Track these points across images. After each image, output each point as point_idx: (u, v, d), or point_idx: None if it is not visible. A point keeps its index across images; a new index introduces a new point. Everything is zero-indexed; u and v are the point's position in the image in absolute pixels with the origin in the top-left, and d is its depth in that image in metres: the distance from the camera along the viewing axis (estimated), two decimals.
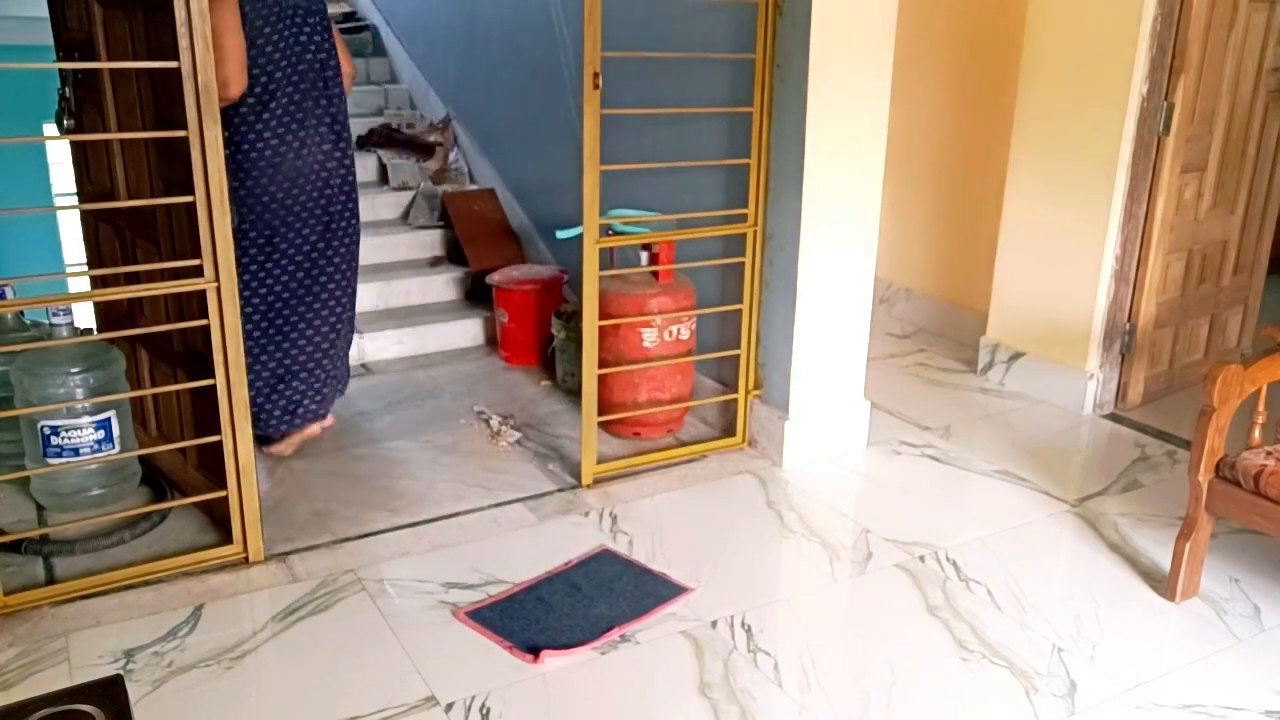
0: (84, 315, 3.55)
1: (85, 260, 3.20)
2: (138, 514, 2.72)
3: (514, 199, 4.73)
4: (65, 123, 3.02)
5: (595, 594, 2.51)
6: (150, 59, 2.46)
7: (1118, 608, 2.52)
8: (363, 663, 2.25)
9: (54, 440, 2.67)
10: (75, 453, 2.68)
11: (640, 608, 2.46)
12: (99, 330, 3.12)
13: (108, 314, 3.13)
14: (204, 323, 2.44)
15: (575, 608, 2.45)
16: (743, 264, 3.19)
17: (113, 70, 2.71)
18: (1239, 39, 3.52)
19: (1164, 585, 2.57)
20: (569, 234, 3.43)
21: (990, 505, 3.03)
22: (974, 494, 3.12)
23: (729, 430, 3.37)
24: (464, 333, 4.25)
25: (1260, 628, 2.45)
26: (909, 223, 4.56)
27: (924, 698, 2.18)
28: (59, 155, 7.79)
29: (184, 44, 2.24)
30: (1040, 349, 3.80)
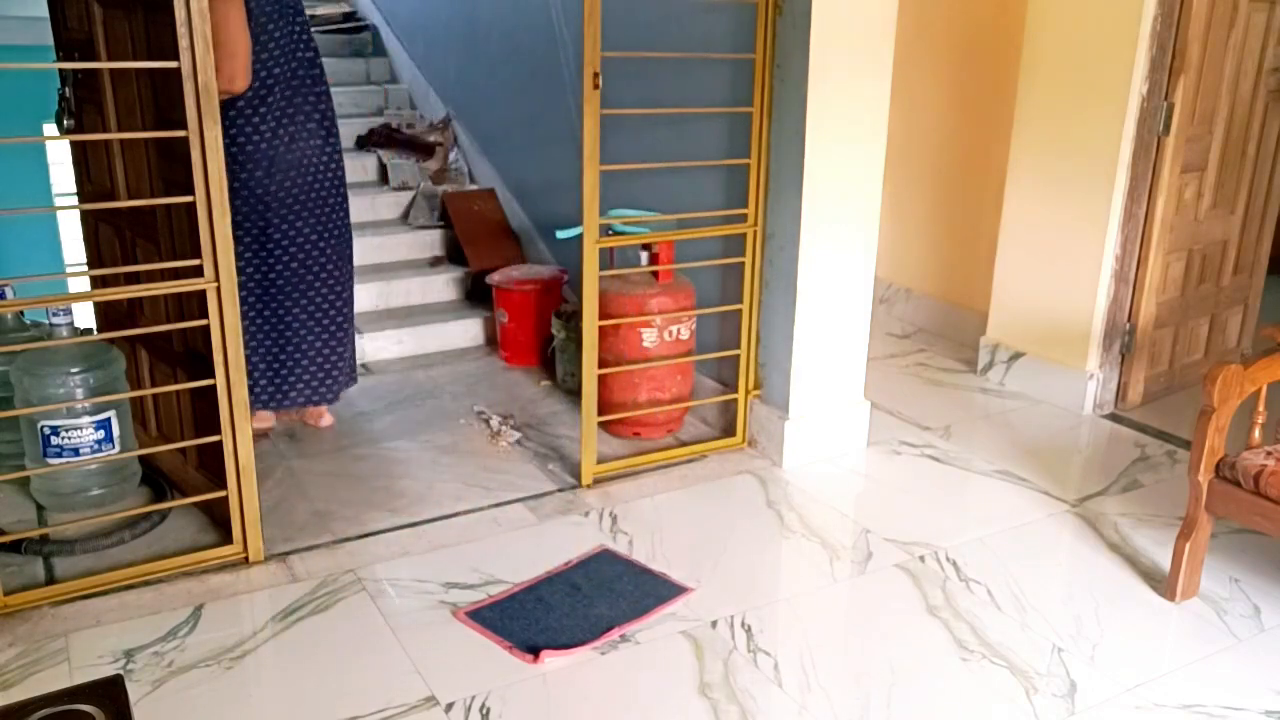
0: (84, 315, 3.55)
1: (85, 260, 3.20)
2: (138, 514, 2.72)
3: (514, 199, 4.73)
4: (65, 123, 3.03)
5: (595, 594, 2.51)
6: (150, 59, 2.46)
7: (1118, 608, 2.52)
8: (363, 663, 2.25)
9: (54, 440, 2.68)
10: (75, 453, 2.68)
11: (640, 608, 2.46)
12: (99, 330, 3.12)
13: (108, 314, 3.13)
14: (204, 323, 2.44)
15: (575, 608, 2.45)
16: (743, 264, 3.19)
17: (113, 70, 2.71)
18: (1239, 39, 3.52)
19: (1164, 585, 2.57)
20: (569, 234, 3.43)
21: (990, 505, 3.03)
22: (974, 494, 3.12)
23: (729, 430, 3.37)
24: (464, 333, 4.25)
25: (1260, 628, 2.45)
26: (909, 223, 4.56)
27: (924, 698, 2.18)
28: (59, 155, 7.78)
29: (184, 44, 2.24)
30: (1040, 349, 3.80)
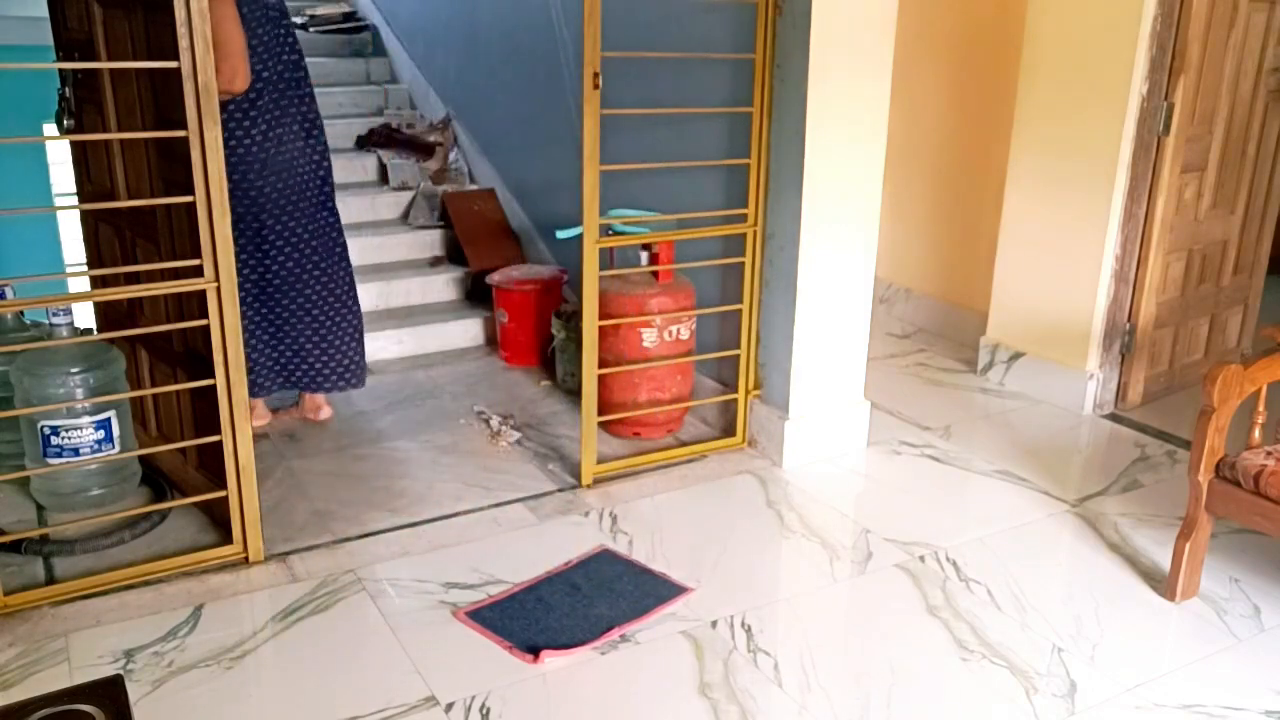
0: (84, 315, 3.55)
1: (85, 260, 3.20)
2: (138, 514, 2.72)
3: (514, 199, 4.73)
4: (65, 123, 3.03)
5: (595, 594, 2.51)
6: (150, 59, 2.46)
7: (1118, 608, 2.52)
8: (363, 663, 2.25)
9: (54, 440, 2.67)
10: (75, 453, 2.68)
11: (640, 608, 2.46)
12: (99, 330, 3.12)
13: (108, 314, 3.13)
14: (204, 323, 2.44)
15: (575, 608, 2.45)
16: (743, 264, 3.19)
17: (113, 70, 2.71)
18: (1239, 39, 3.52)
19: (1164, 585, 2.57)
20: (569, 234, 3.43)
21: (990, 505, 3.03)
22: (974, 494, 3.12)
23: (729, 430, 3.37)
24: (464, 333, 4.25)
25: (1260, 628, 2.45)
26: (909, 223, 4.56)
27: (924, 698, 2.18)
28: (59, 155, 7.78)
29: (184, 44, 2.24)
30: (1040, 349, 3.80)
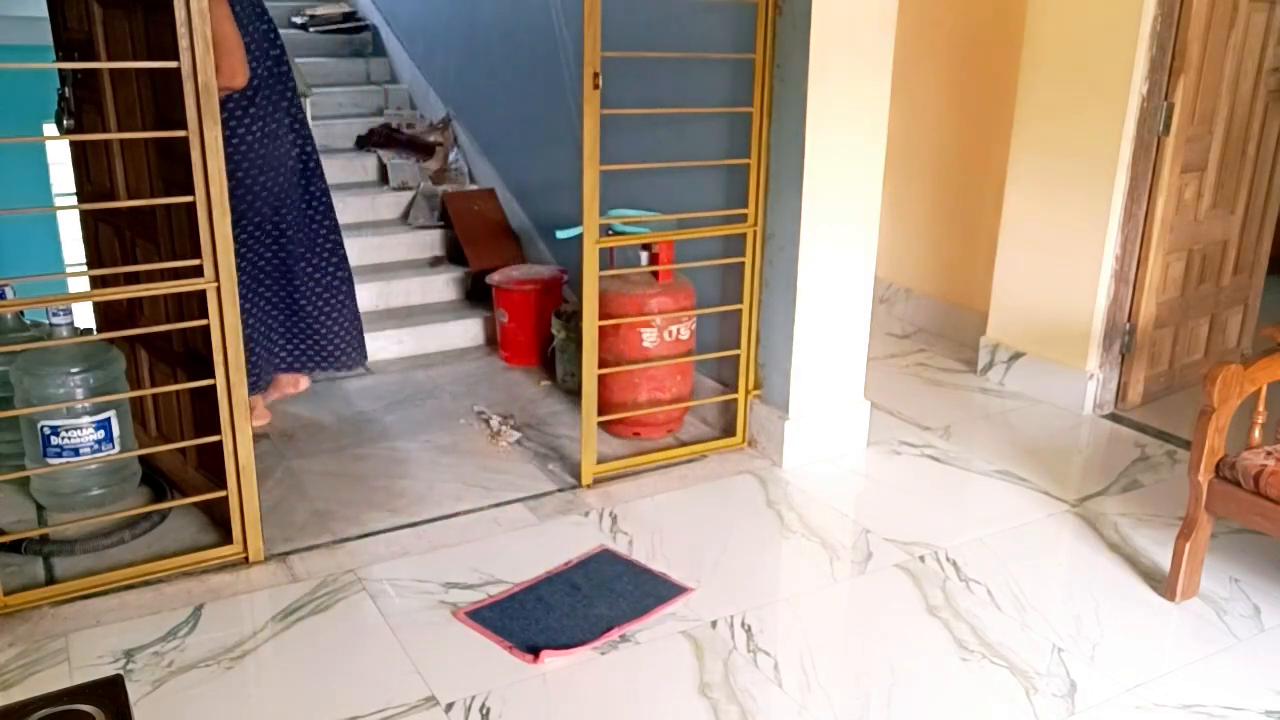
0: (84, 315, 3.55)
1: (85, 260, 3.20)
2: (138, 514, 2.72)
3: (514, 199, 4.73)
4: (65, 123, 3.03)
5: (595, 594, 2.51)
6: (150, 59, 2.46)
7: (1118, 608, 2.52)
8: (363, 663, 2.25)
9: (54, 440, 2.67)
10: (75, 453, 2.68)
11: (640, 608, 2.46)
12: (99, 330, 3.12)
13: (108, 314, 3.13)
14: (204, 323, 2.44)
15: (575, 608, 2.45)
16: (743, 264, 3.19)
17: (113, 70, 2.71)
18: (1239, 39, 3.52)
19: (1164, 585, 2.57)
20: (569, 234, 3.43)
21: (990, 505, 3.03)
22: (974, 494, 3.12)
23: (729, 430, 3.37)
24: (464, 333, 4.25)
25: (1260, 628, 2.45)
26: (909, 223, 4.56)
27: (924, 698, 2.18)
28: (59, 155, 7.78)
29: (184, 44, 2.24)
30: (1040, 349, 3.80)
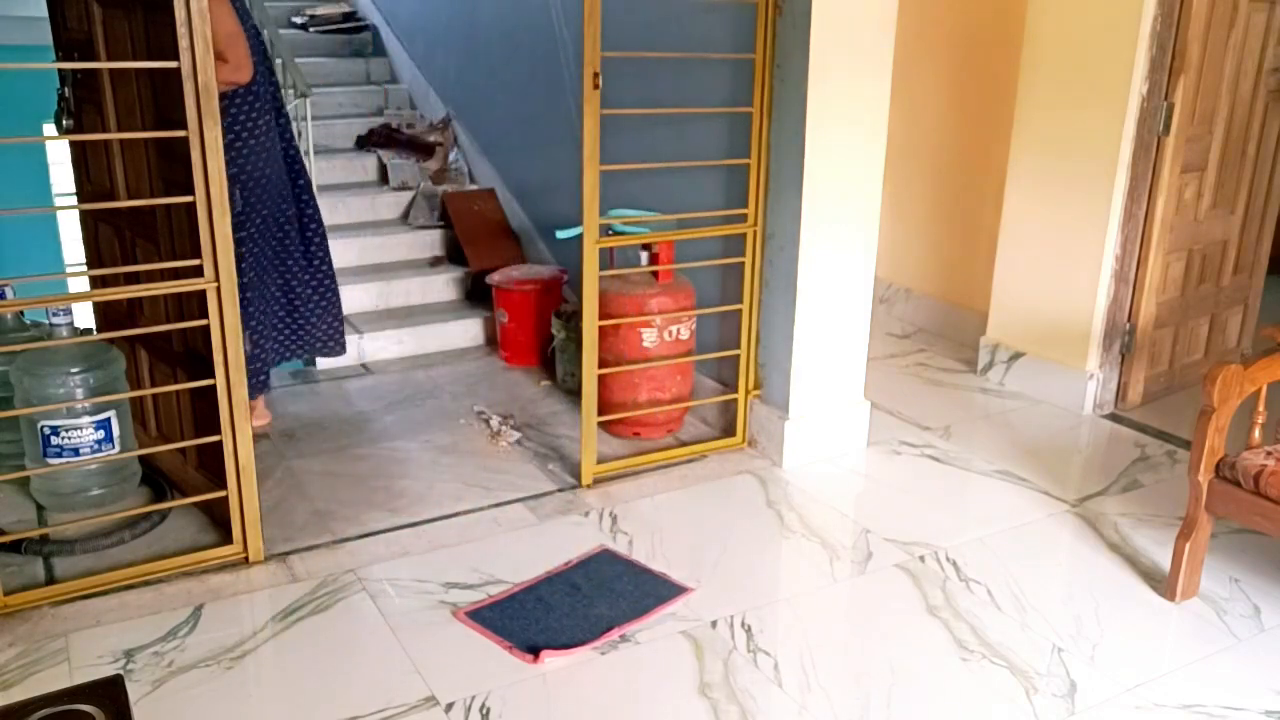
0: (84, 315, 3.55)
1: (85, 260, 3.20)
2: (138, 514, 2.72)
3: (514, 199, 4.73)
4: (65, 123, 3.03)
5: (595, 594, 2.51)
6: (150, 59, 2.46)
7: (1118, 608, 2.52)
8: (363, 663, 2.25)
9: (54, 440, 2.67)
10: (75, 453, 2.68)
11: (640, 608, 2.46)
12: (99, 330, 3.12)
13: (108, 314, 3.13)
14: (204, 323, 2.44)
15: (575, 608, 2.45)
16: (743, 264, 3.19)
17: (113, 70, 2.71)
18: (1239, 39, 3.52)
19: (1164, 585, 2.57)
20: (569, 234, 3.43)
21: (990, 505, 3.03)
22: (974, 494, 3.12)
23: (729, 430, 3.37)
24: (464, 333, 4.25)
25: (1260, 628, 2.45)
26: (909, 223, 4.56)
27: (924, 698, 2.18)
28: (59, 155, 7.78)
29: (184, 44, 2.24)
30: (1040, 349, 3.80)
